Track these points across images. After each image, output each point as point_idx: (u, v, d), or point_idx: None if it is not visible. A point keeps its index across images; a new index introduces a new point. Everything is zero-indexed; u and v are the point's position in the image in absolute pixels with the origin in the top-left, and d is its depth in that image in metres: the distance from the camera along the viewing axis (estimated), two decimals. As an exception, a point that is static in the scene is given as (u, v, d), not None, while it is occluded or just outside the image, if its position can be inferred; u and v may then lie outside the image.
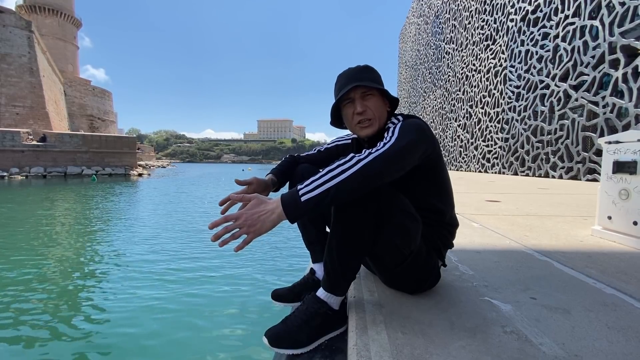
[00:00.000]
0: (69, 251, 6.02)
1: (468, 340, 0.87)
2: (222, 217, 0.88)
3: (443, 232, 1.14)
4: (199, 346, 2.96)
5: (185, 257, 5.55)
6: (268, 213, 0.87)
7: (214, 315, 3.55)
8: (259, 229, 0.86)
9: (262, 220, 0.86)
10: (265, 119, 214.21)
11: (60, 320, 3.41)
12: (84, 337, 3.11)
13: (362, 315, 1.01)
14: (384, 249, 1.01)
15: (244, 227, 0.85)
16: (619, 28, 8.76)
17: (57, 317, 3.46)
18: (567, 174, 10.63)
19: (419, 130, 1.01)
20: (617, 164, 1.97)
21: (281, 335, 0.98)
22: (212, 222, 0.85)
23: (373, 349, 0.82)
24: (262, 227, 0.86)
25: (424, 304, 1.09)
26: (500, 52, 15.58)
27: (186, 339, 3.07)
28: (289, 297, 1.31)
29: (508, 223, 2.67)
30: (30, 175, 24.30)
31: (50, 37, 47.04)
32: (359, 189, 0.87)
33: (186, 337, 3.12)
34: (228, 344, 3.01)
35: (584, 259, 1.66)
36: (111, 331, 3.20)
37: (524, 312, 1.05)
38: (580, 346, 0.85)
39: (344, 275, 0.98)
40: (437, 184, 1.13)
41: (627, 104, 8.47)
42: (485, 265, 1.54)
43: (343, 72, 1.15)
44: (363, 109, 1.09)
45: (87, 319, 3.44)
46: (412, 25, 34.61)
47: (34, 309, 3.60)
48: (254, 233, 0.86)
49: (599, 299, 1.16)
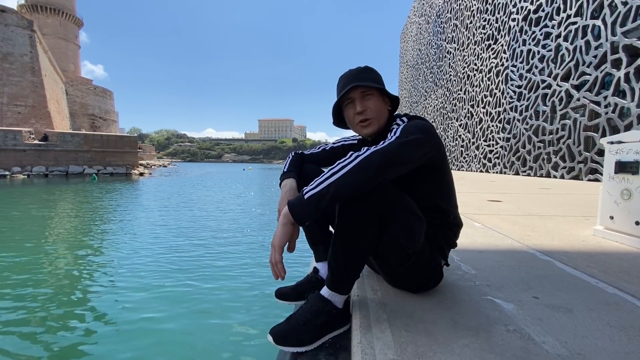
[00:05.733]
0: (67, 250, 6.05)
1: (471, 338, 0.88)
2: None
3: (447, 232, 1.15)
4: (204, 344, 2.98)
5: (187, 257, 5.56)
6: (278, 222, 0.95)
7: (219, 313, 3.58)
8: (274, 242, 0.93)
9: (276, 231, 0.94)
10: (266, 119, 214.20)
11: (57, 318, 3.42)
12: (84, 334, 3.12)
13: (365, 313, 1.02)
14: (389, 248, 1.02)
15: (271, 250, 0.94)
16: (621, 28, 8.74)
17: (54, 315, 3.48)
18: (569, 174, 10.62)
19: (423, 131, 1.02)
20: (619, 164, 1.98)
21: (286, 334, 0.99)
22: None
23: (377, 347, 0.83)
24: (275, 237, 0.93)
25: (427, 302, 1.10)
26: (502, 52, 15.55)
27: (190, 337, 3.09)
28: (292, 295, 1.32)
29: (510, 223, 2.67)
30: (32, 175, 24.37)
31: (51, 36, 47.13)
32: (359, 184, 0.89)
33: (190, 334, 3.13)
34: (232, 342, 3.03)
35: (586, 259, 1.67)
36: (112, 329, 3.22)
37: (526, 311, 1.05)
38: (583, 345, 0.86)
39: (348, 274, 0.99)
40: (441, 185, 1.14)
41: (629, 104, 8.45)
42: (488, 265, 1.54)
43: (344, 73, 1.17)
44: (363, 109, 1.11)
45: (86, 317, 3.45)
46: (414, 25, 34.56)
47: (32, 308, 3.62)
48: (273, 247, 0.93)
49: (602, 299, 1.17)
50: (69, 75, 46.27)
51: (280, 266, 0.91)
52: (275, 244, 0.91)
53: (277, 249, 0.91)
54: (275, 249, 0.91)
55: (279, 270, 0.91)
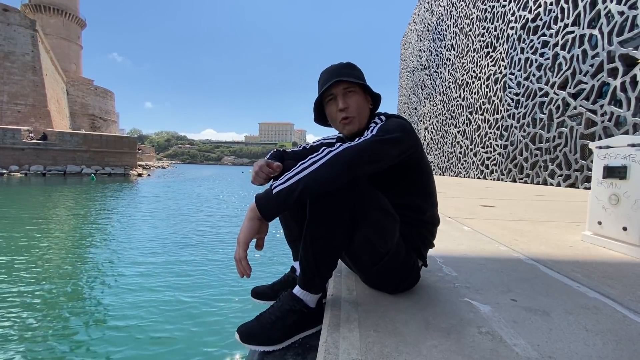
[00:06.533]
0: (57, 250, 5.99)
1: (441, 339, 0.85)
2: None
3: (423, 231, 1.12)
4: (179, 342, 2.97)
5: (172, 260, 5.53)
6: (245, 216, 0.90)
7: (195, 311, 3.60)
8: (239, 237, 0.89)
9: (242, 226, 0.90)
10: (266, 122, 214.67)
11: (54, 317, 3.38)
12: (74, 333, 3.10)
13: (337, 313, 1.00)
14: (360, 246, 0.99)
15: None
16: (618, 37, 8.80)
17: (52, 315, 3.43)
18: (565, 182, 10.62)
19: (400, 129, 1.00)
20: (607, 169, 1.96)
21: (253, 332, 0.97)
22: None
23: (342, 347, 0.81)
24: (241, 232, 0.89)
25: (401, 303, 1.08)
26: (500, 60, 15.65)
27: (166, 335, 3.08)
28: (268, 294, 1.29)
29: (499, 227, 2.65)
30: (29, 173, 24.29)
31: (54, 36, 47.33)
32: (329, 180, 0.86)
33: (166, 332, 3.12)
34: (206, 341, 3.03)
35: (571, 264, 1.64)
36: (102, 327, 3.18)
37: (502, 313, 1.03)
38: (555, 348, 0.84)
39: (319, 272, 0.96)
40: (417, 183, 1.12)
41: (625, 113, 8.48)
42: (470, 267, 1.52)
43: (326, 68, 1.15)
44: (345, 106, 1.09)
45: (77, 316, 3.41)
46: (414, 32, 34.82)
47: (30, 307, 3.58)
48: (238, 243, 0.89)
49: (581, 302, 1.14)
50: (70, 75, 46.37)
51: (245, 263, 0.87)
52: (240, 239, 0.87)
53: (242, 245, 0.87)
54: (240, 245, 0.87)
55: (243, 268, 0.87)
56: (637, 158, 1.78)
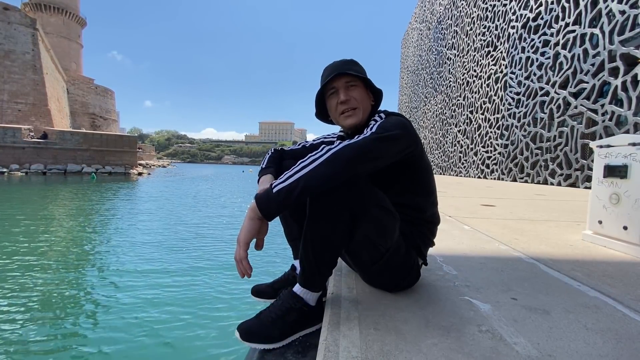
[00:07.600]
0: (55, 249, 6.00)
1: (441, 338, 0.86)
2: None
3: (423, 229, 1.12)
4: (179, 340, 2.98)
5: (173, 259, 5.54)
6: (245, 216, 0.90)
7: (196, 309, 3.62)
8: (239, 237, 0.89)
9: (242, 226, 0.89)
10: (266, 121, 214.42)
11: (54, 317, 3.39)
12: (74, 333, 3.11)
13: (337, 311, 1.00)
14: (360, 244, 0.99)
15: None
16: (619, 36, 8.79)
17: (52, 314, 3.44)
18: (566, 181, 10.61)
19: (400, 127, 1.00)
20: (607, 168, 1.96)
21: (253, 330, 0.97)
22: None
23: (342, 344, 0.81)
24: (241, 232, 0.89)
25: (402, 301, 1.08)
26: (501, 59, 15.62)
27: (166, 333, 3.09)
28: (268, 293, 1.30)
29: (500, 227, 2.65)
30: (30, 172, 24.31)
31: (54, 35, 47.27)
32: (329, 178, 0.86)
33: (167, 330, 3.13)
34: (206, 339, 3.04)
35: (571, 263, 1.64)
36: (100, 327, 3.19)
37: (502, 312, 1.03)
38: (555, 346, 0.84)
39: (319, 270, 0.96)
40: (417, 181, 1.12)
41: (626, 112, 8.47)
42: (470, 266, 1.52)
43: (328, 64, 1.15)
44: (347, 98, 1.08)
45: (76, 316, 3.42)
46: (415, 31, 34.76)
47: (30, 307, 3.58)
48: (238, 243, 0.88)
49: (581, 301, 1.14)
50: (71, 74, 46.35)
51: (246, 263, 0.87)
52: (240, 239, 0.87)
53: (242, 245, 0.87)
54: (240, 244, 0.87)
55: (244, 268, 0.87)
56: (637, 157, 1.78)
